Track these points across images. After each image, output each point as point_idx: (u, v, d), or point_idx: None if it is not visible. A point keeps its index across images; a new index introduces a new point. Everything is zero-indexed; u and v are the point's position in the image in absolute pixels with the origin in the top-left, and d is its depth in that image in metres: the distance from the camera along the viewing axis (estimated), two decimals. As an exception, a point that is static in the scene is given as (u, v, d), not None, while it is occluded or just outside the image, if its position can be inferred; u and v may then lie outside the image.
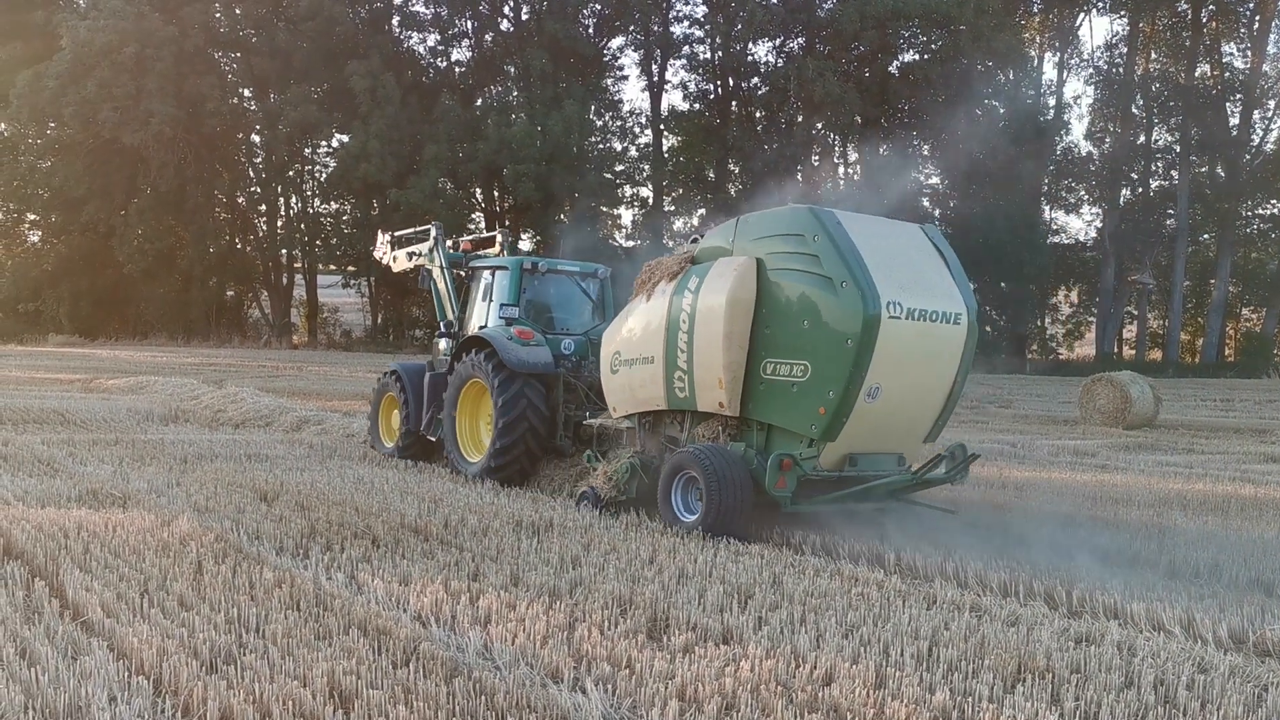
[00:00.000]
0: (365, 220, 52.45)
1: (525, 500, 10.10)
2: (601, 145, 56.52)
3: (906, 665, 5.25)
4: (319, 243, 57.29)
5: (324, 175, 58.11)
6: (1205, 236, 57.84)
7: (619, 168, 57.38)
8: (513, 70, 56.23)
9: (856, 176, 54.20)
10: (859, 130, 52.65)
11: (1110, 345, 55.09)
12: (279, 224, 59.12)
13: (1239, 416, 26.34)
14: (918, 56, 52.98)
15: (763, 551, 7.99)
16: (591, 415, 11.16)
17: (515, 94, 55.29)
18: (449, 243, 14.00)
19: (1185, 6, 54.25)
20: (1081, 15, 57.65)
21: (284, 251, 59.13)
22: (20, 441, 12.99)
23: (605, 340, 10.36)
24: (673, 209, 58.14)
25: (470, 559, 7.27)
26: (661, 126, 58.98)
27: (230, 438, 14.71)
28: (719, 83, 58.09)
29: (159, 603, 5.88)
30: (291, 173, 57.95)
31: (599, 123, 56.33)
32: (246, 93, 57.87)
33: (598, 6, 56.01)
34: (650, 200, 58.56)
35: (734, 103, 58.11)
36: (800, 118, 54.19)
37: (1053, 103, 57.15)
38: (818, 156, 55.15)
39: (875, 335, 8.10)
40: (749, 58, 56.57)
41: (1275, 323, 53.46)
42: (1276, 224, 56.89)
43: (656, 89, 58.44)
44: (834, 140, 56.21)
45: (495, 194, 56.49)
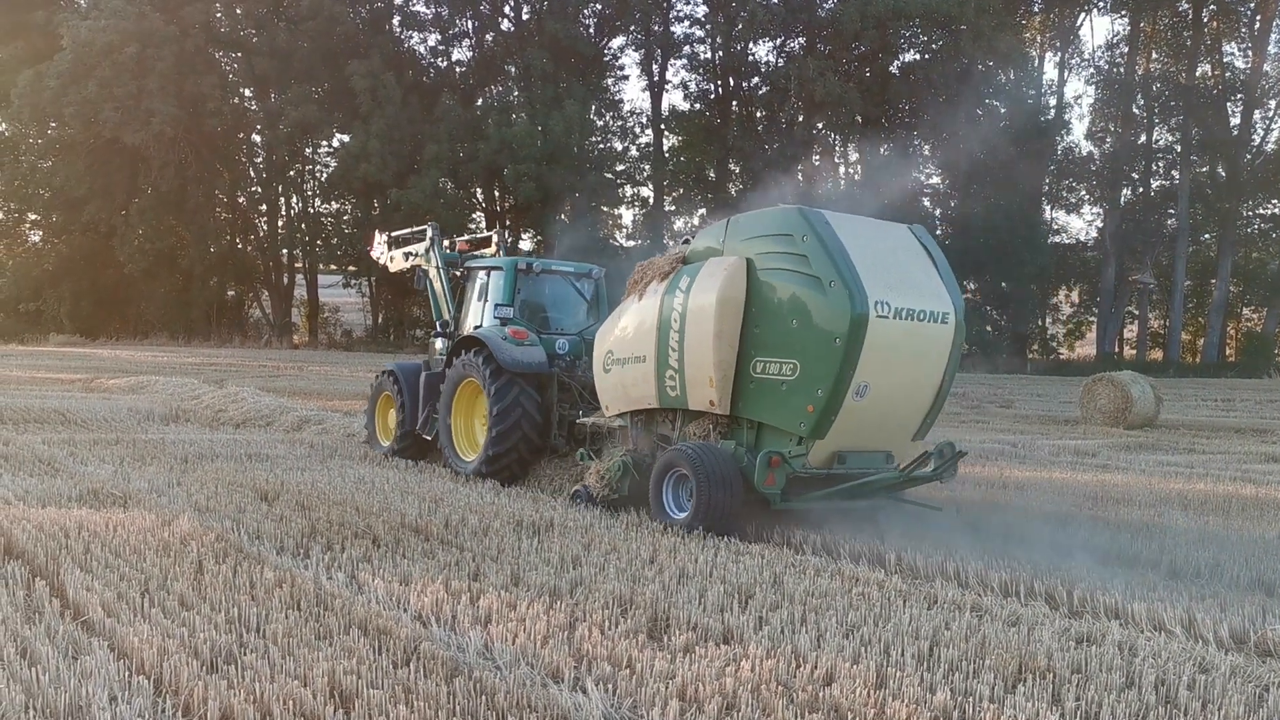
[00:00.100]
0: (366, 220, 52.47)
1: (526, 500, 10.09)
2: (602, 145, 56.55)
3: (907, 665, 5.25)
4: (320, 242, 57.37)
5: (325, 175, 58.21)
6: (1206, 236, 57.87)
7: (619, 167, 57.41)
8: (513, 70, 56.24)
9: (857, 176, 54.22)
10: (859, 130, 52.64)
11: (1111, 345, 55.10)
12: (280, 224, 59.20)
13: (1240, 416, 26.33)
14: (918, 56, 53.02)
15: (763, 551, 7.99)
16: (585, 414, 11.20)
17: (516, 94, 55.29)
18: (445, 243, 14.05)
19: (1186, 6, 54.24)
20: (1082, 15, 57.72)
21: (285, 251, 59.24)
22: (21, 441, 12.99)
23: (598, 340, 10.43)
24: (673, 209, 58.19)
25: (471, 559, 7.27)
26: (662, 126, 59.01)
27: (231, 437, 14.71)
28: (719, 82, 58.10)
29: (159, 602, 5.88)
30: (292, 172, 58.03)
31: (600, 123, 56.36)
32: (247, 92, 57.95)
33: (598, 6, 56.03)
34: (651, 200, 58.67)
35: (734, 102, 58.12)
36: (801, 117, 54.20)
37: (1053, 102, 57.18)
38: (818, 156, 55.16)
39: (863, 334, 8.19)
40: (749, 57, 56.63)
41: (1276, 322, 53.47)
42: (1277, 224, 56.92)
43: (657, 89, 58.55)
44: (835, 140, 56.22)
45: (496, 194, 56.49)
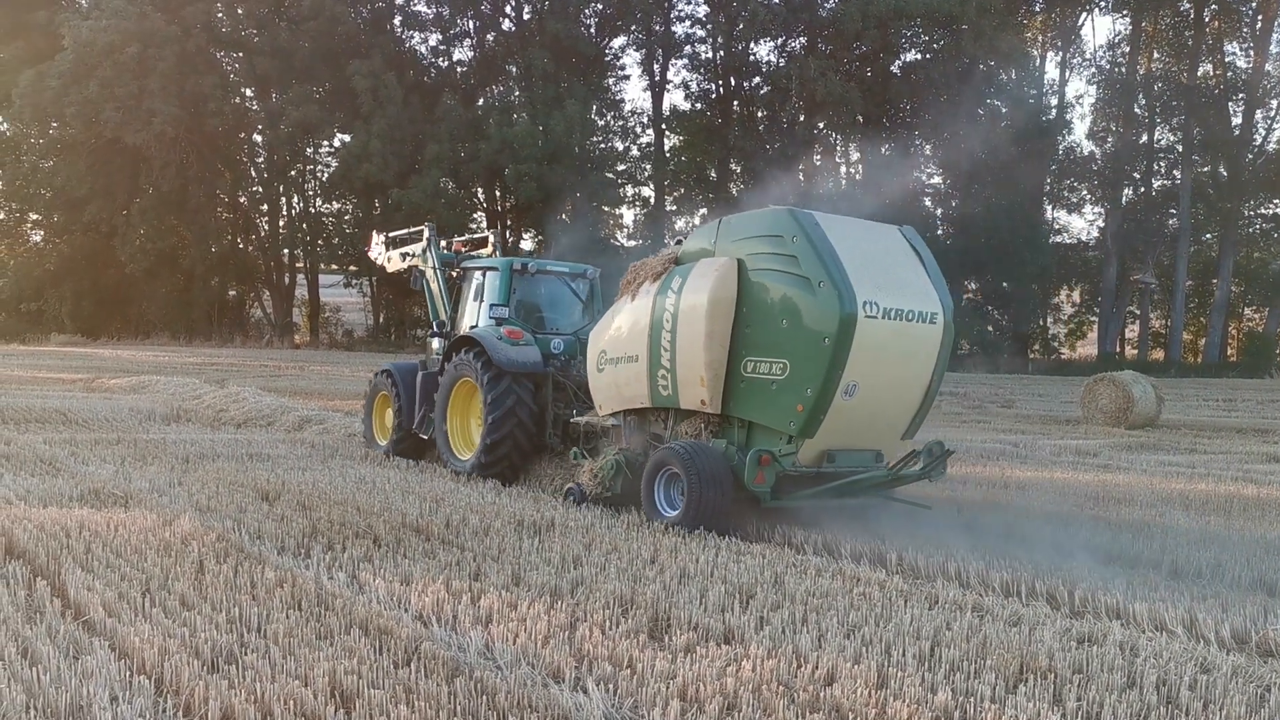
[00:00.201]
0: (367, 220, 52.52)
1: (527, 500, 10.09)
2: (603, 145, 56.56)
3: (908, 665, 5.25)
4: (321, 242, 57.39)
5: (326, 175, 58.26)
6: (1207, 236, 57.85)
7: (621, 167, 57.42)
8: (514, 70, 56.25)
9: (858, 176, 54.20)
10: (861, 130, 52.63)
11: (1112, 345, 55.07)
12: (281, 224, 59.25)
13: (1241, 416, 26.32)
14: (920, 56, 53.02)
15: (764, 551, 7.98)
16: (580, 413, 11.28)
17: (517, 94, 55.31)
18: (442, 243, 14.11)
19: (1187, 6, 54.21)
20: (1084, 14, 57.68)
21: (286, 251, 59.27)
22: (22, 441, 12.99)
23: (592, 339, 10.51)
24: (674, 209, 58.20)
25: (472, 559, 7.26)
26: (663, 126, 59.00)
27: (232, 437, 14.71)
28: (720, 82, 58.09)
29: (160, 602, 5.87)
30: (293, 172, 58.06)
31: (601, 122, 56.36)
32: (248, 92, 57.97)
33: (599, 6, 56.03)
34: (652, 200, 58.66)
35: (735, 102, 58.11)
36: (802, 117, 54.19)
37: (1055, 102, 57.17)
38: (819, 156, 55.14)
39: (851, 334, 8.26)
40: (751, 57, 56.61)
41: (1277, 322, 53.45)
42: (1278, 223, 56.86)
43: (658, 89, 58.56)
44: (836, 140, 56.21)
45: (497, 194, 56.50)
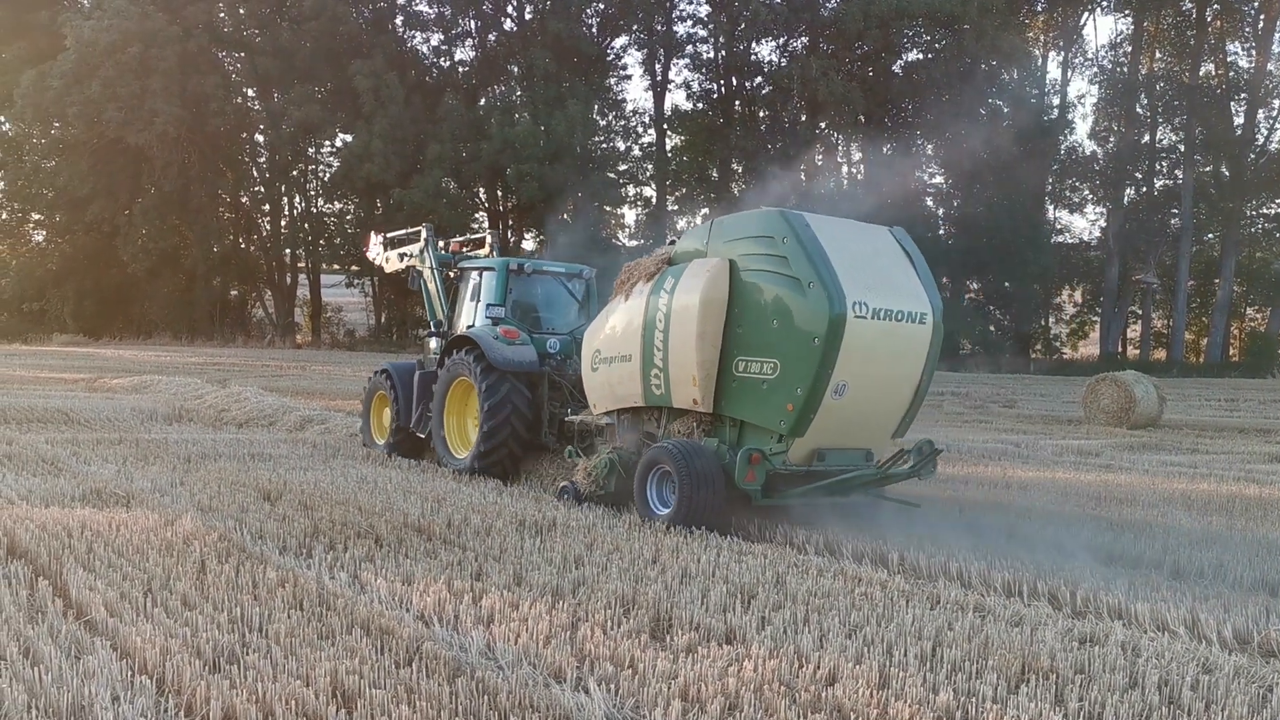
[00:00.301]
0: (369, 220, 52.50)
1: (528, 500, 10.09)
2: (605, 145, 56.57)
3: (910, 665, 5.24)
4: (322, 242, 57.42)
5: (327, 175, 58.28)
6: (1209, 236, 57.80)
7: (622, 167, 57.43)
8: (516, 70, 56.25)
9: (860, 176, 54.19)
10: (862, 130, 52.61)
11: (1114, 345, 55.02)
12: (283, 223, 59.27)
13: (1243, 416, 26.29)
14: (921, 56, 52.99)
15: (766, 551, 7.98)
16: (574, 412, 11.33)
17: (518, 93, 55.31)
18: (440, 244, 14.16)
19: (1190, 5, 54.16)
20: (1086, 14, 57.64)
21: (288, 251, 59.27)
22: (24, 441, 13.00)
23: (586, 339, 10.60)
24: (676, 208, 58.21)
25: (473, 558, 7.26)
26: (665, 126, 59.00)
27: (234, 437, 14.72)
28: (722, 82, 58.09)
29: (162, 602, 5.88)
30: (295, 172, 58.07)
31: (602, 122, 56.36)
32: (250, 92, 57.99)
33: (601, 6, 56.05)
34: (654, 200, 58.65)
35: (737, 102, 58.11)
36: (804, 117, 54.19)
37: (1057, 102, 57.16)
38: (821, 156, 55.12)
39: (841, 334, 8.33)
40: (752, 57, 56.67)
41: (1280, 322, 53.42)
42: (1281, 223, 56.87)
43: (660, 88, 58.55)
44: (837, 140, 56.20)
45: (498, 193, 56.51)
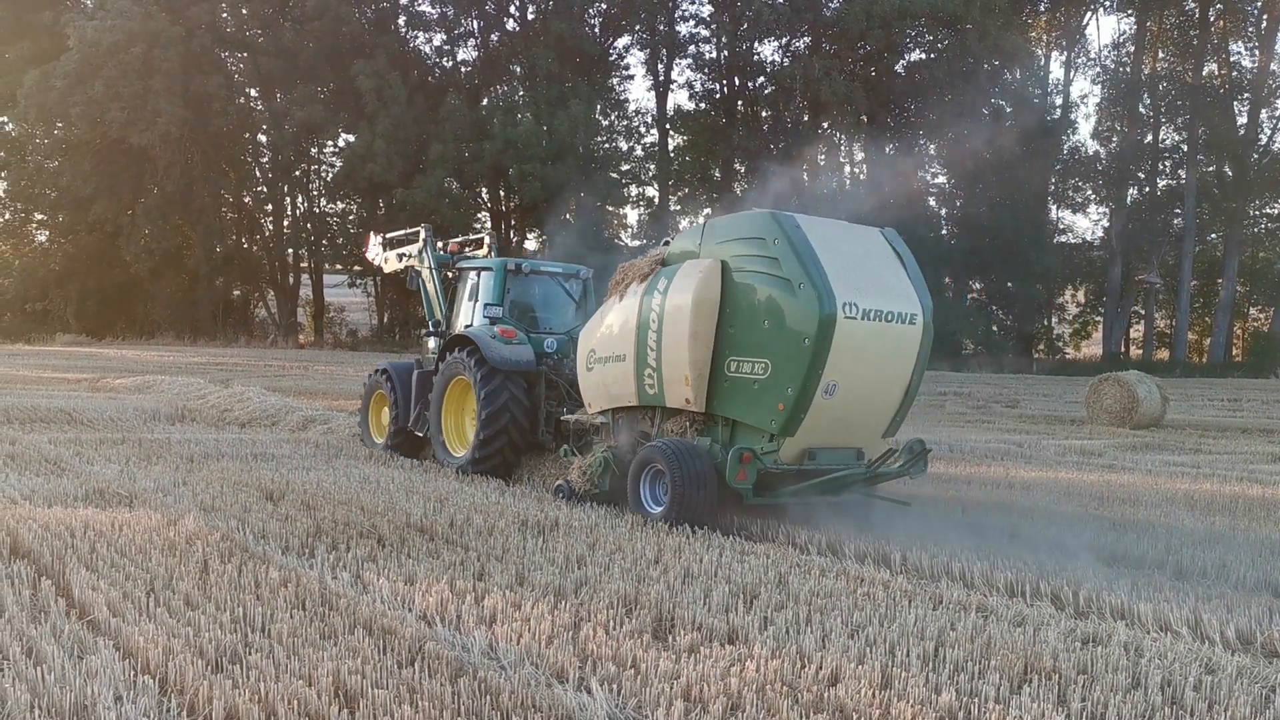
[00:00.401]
0: (371, 220, 52.51)
1: (531, 500, 10.10)
2: (607, 145, 56.57)
3: (912, 665, 5.24)
4: (325, 242, 57.47)
5: (330, 175, 58.29)
6: (1212, 236, 57.72)
7: (625, 167, 57.44)
8: (519, 70, 56.27)
9: (862, 176, 54.18)
10: (865, 130, 52.57)
11: (1117, 345, 54.95)
12: (285, 223, 59.30)
13: (1246, 416, 26.25)
14: (924, 55, 52.96)
15: (768, 551, 7.98)
16: (571, 411, 11.39)
17: (521, 93, 55.32)
18: (438, 244, 14.21)
19: (1193, 5, 54.10)
20: (1088, 14, 57.60)
21: (290, 251, 59.29)
22: (27, 441, 13.02)
23: (582, 339, 10.66)
24: (678, 208, 58.20)
25: (476, 558, 7.26)
26: (667, 126, 59.00)
27: (236, 437, 14.73)
28: (725, 82, 58.08)
29: (165, 602, 5.88)
30: (298, 172, 58.09)
31: (605, 122, 56.38)
32: (253, 92, 58.08)
33: (604, 6, 56.05)
34: (656, 200, 58.65)
35: (740, 102, 58.09)
36: (806, 117, 54.17)
37: (1059, 102, 57.13)
38: (824, 156, 55.13)
39: (831, 335, 8.39)
40: (755, 57, 56.66)
41: (1283, 322, 53.32)
42: (1284, 223, 56.78)
43: (662, 88, 58.56)
44: (840, 139, 56.18)
45: (501, 193, 56.52)
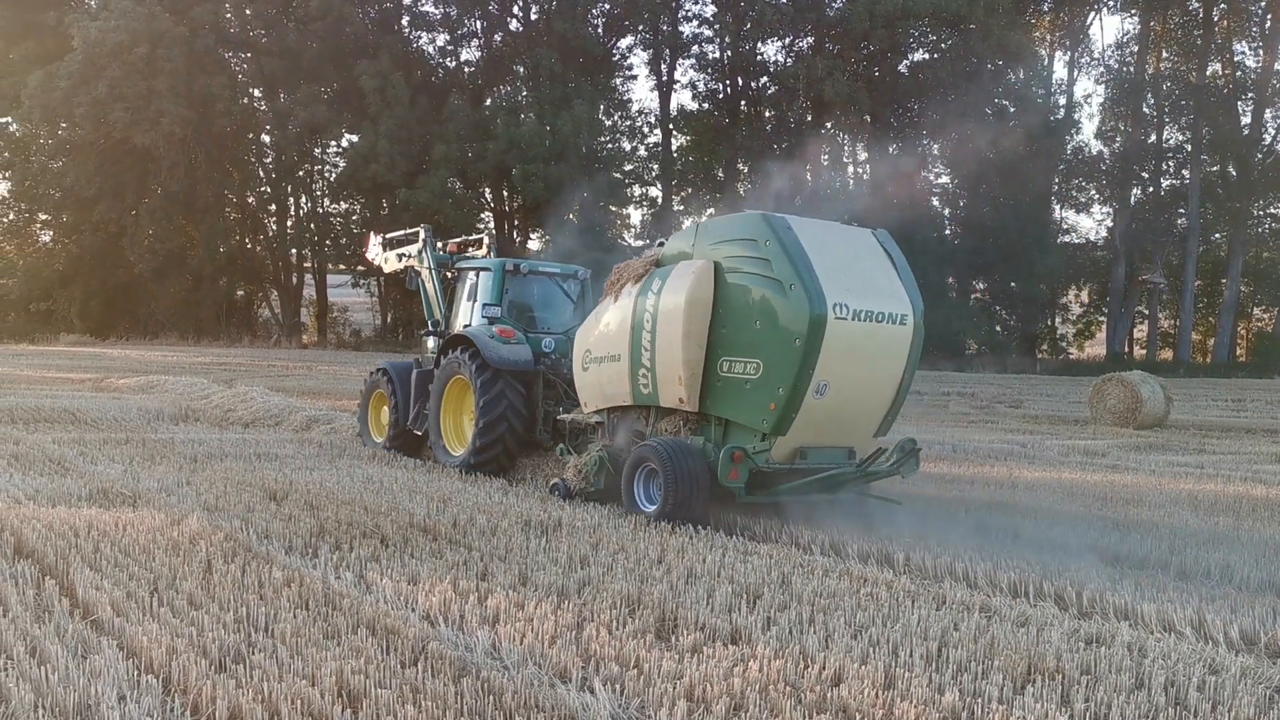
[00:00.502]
0: (374, 220, 52.52)
1: (534, 500, 10.10)
2: (610, 145, 56.53)
3: (916, 666, 5.24)
4: (328, 242, 57.49)
5: (333, 175, 58.31)
6: (1216, 236, 57.62)
7: (628, 167, 57.43)
8: (522, 70, 56.29)
9: (866, 176, 54.16)
10: (868, 130, 52.54)
11: (1121, 345, 54.88)
12: (289, 224, 59.32)
13: (1250, 417, 26.21)
14: (927, 56, 52.93)
15: (771, 551, 7.97)
16: (568, 410, 11.43)
17: (524, 94, 55.33)
18: (438, 244, 14.26)
19: (1197, 5, 54.03)
20: (1092, 14, 57.52)
21: (294, 251, 59.35)
22: (31, 441, 13.04)
23: (578, 339, 10.73)
24: (682, 208, 58.20)
25: (479, 558, 7.27)
26: (670, 126, 58.99)
27: (240, 437, 14.75)
28: (728, 82, 58.06)
29: (168, 602, 5.89)
30: (301, 172, 58.12)
31: (608, 122, 56.34)
32: (256, 93, 58.10)
33: (607, 6, 56.04)
34: (659, 200, 58.63)
35: (743, 102, 58.07)
36: (809, 117, 54.13)
37: (1063, 102, 56.99)
38: (827, 156, 55.14)
39: (821, 335, 8.46)
40: (758, 57, 56.60)
41: (1286, 322, 53.25)
42: (1287, 223, 56.68)
43: (665, 88, 58.59)
44: (843, 140, 56.16)
45: (504, 193, 56.54)
